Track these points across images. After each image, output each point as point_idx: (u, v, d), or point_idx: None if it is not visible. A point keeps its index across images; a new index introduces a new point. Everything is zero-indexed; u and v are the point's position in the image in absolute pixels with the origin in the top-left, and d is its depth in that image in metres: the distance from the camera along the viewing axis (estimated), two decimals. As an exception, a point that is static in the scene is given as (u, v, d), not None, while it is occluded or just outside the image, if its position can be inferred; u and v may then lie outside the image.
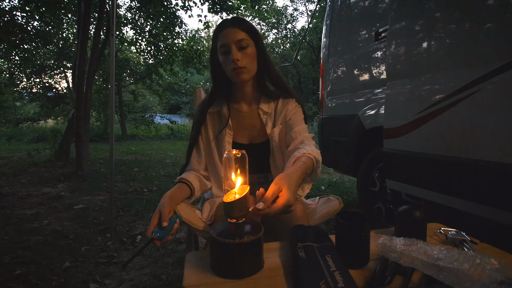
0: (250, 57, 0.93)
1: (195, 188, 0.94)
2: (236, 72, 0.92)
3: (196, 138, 1.02)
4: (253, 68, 0.96)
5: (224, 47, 0.92)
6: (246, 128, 1.03)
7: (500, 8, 1.12)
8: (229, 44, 0.90)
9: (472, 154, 1.17)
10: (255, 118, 1.03)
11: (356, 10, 2.27)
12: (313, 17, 13.01)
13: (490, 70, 1.09)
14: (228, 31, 0.91)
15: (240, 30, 0.92)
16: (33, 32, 6.26)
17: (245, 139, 1.03)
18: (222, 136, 1.01)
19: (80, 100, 4.06)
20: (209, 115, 1.04)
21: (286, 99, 1.03)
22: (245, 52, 0.92)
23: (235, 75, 0.93)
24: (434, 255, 0.52)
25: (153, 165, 5.02)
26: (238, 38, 0.90)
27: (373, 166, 2.00)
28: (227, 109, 1.02)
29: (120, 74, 9.80)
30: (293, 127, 0.97)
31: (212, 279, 0.57)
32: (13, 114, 11.08)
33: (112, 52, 1.99)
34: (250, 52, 0.93)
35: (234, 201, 0.61)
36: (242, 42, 0.91)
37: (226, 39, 0.91)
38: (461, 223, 1.32)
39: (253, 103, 1.04)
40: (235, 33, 0.91)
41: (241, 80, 0.94)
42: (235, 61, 0.90)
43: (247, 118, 1.03)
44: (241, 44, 0.91)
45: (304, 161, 0.76)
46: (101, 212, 2.59)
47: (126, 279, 1.54)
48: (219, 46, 0.93)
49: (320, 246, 0.63)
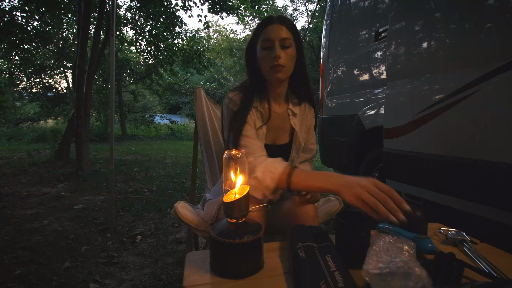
0: (291, 57, 0.92)
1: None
2: (275, 69, 0.90)
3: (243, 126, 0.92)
4: (291, 68, 0.95)
5: (268, 42, 0.90)
6: (273, 129, 1.02)
7: (500, 8, 1.12)
8: (274, 40, 0.89)
9: (472, 154, 1.17)
10: (284, 120, 1.03)
11: (356, 10, 2.27)
12: (313, 17, 13.02)
13: (490, 70, 1.09)
14: (274, 27, 0.91)
15: (286, 28, 0.91)
16: (33, 32, 6.25)
17: (269, 140, 1.02)
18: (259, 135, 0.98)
19: (80, 100, 4.06)
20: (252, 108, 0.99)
21: (308, 108, 1.07)
22: (287, 51, 0.91)
23: (273, 73, 0.91)
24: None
25: (153, 165, 5.02)
26: (283, 36, 0.90)
27: (373, 166, 2.00)
28: (267, 107, 1.00)
29: (120, 74, 9.80)
30: (310, 141, 1.09)
31: (212, 279, 0.57)
32: (13, 114, 11.06)
33: (112, 52, 1.99)
34: (291, 52, 0.92)
35: (234, 201, 0.61)
36: (286, 41, 0.90)
37: (271, 34, 0.90)
38: (461, 223, 1.32)
39: (283, 104, 1.03)
40: (281, 30, 0.90)
41: (278, 79, 0.93)
42: (277, 58, 0.88)
43: (278, 119, 1.02)
44: (285, 43, 0.90)
45: None
46: (101, 212, 2.59)
47: (126, 279, 1.54)
48: (262, 40, 0.92)
49: (320, 246, 0.63)
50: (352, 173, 2.27)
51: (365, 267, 0.52)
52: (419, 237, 0.65)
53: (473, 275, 0.57)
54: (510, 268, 0.61)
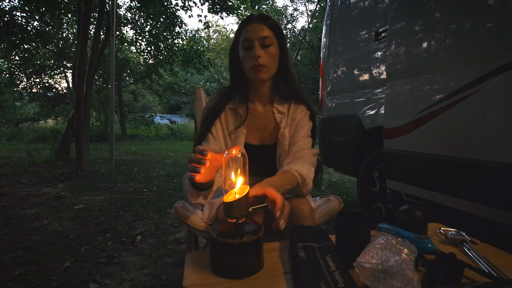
0: (272, 56, 0.90)
1: None
2: (256, 69, 0.88)
3: (208, 129, 0.94)
4: (273, 68, 0.92)
5: (247, 42, 0.89)
6: (259, 129, 1.01)
7: (500, 8, 1.12)
8: (253, 39, 0.88)
9: (472, 154, 1.17)
10: (269, 120, 1.01)
11: (356, 10, 2.27)
12: (313, 17, 13.02)
13: (490, 70, 1.10)
14: (254, 26, 0.89)
15: (266, 27, 0.89)
16: (33, 32, 6.25)
17: (257, 140, 1.01)
18: (236, 135, 0.98)
19: (80, 100, 4.06)
20: (227, 110, 0.99)
21: (297, 104, 1.02)
22: (267, 50, 0.89)
23: (254, 73, 0.89)
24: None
25: (153, 165, 5.02)
26: (263, 35, 0.88)
27: (373, 166, 2.00)
28: (245, 108, 0.98)
29: (120, 74, 9.80)
30: (296, 139, 0.97)
31: (212, 279, 0.57)
32: (13, 114, 11.07)
33: (112, 52, 1.99)
34: (272, 51, 0.90)
35: (234, 201, 0.61)
36: (266, 39, 0.88)
37: (250, 34, 0.88)
38: (461, 223, 1.32)
39: (268, 104, 1.02)
40: (261, 29, 0.88)
41: (259, 79, 0.91)
42: (257, 57, 0.87)
43: (261, 119, 1.01)
44: (265, 42, 0.88)
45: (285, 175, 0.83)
46: (101, 212, 2.59)
47: (126, 279, 1.54)
48: (242, 40, 0.90)
49: (320, 246, 0.63)
50: (352, 173, 2.27)
51: (358, 259, 0.52)
52: (419, 237, 0.65)
53: (473, 275, 0.57)
54: (510, 268, 0.61)
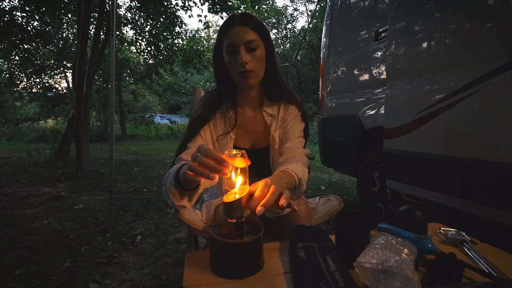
0: (259, 60, 0.86)
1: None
2: (244, 76, 0.85)
3: (196, 132, 0.90)
4: (261, 71, 0.89)
5: (232, 47, 0.84)
6: (249, 133, 0.99)
7: (500, 8, 1.12)
8: (238, 44, 0.83)
9: (472, 154, 1.17)
10: (259, 123, 0.99)
11: (356, 10, 2.27)
12: (313, 17, 13.02)
13: (490, 70, 1.09)
14: (237, 30, 0.83)
15: (250, 30, 0.84)
16: (33, 32, 6.26)
17: (247, 144, 1.00)
18: (225, 141, 0.95)
19: (80, 100, 4.06)
20: (216, 114, 0.96)
21: (287, 105, 0.99)
22: (254, 54, 0.85)
23: (242, 79, 0.86)
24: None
25: (153, 165, 5.02)
26: (248, 39, 0.83)
27: (373, 166, 2.00)
28: (234, 113, 0.96)
29: (120, 74, 9.81)
30: (287, 140, 0.94)
31: (212, 279, 0.57)
32: (13, 114, 11.06)
33: (112, 52, 1.99)
34: (259, 54, 0.86)
35: (234, 201, 0.61)
36: (252, 43, 0.83)
37: (234, 38, 0.83)
38: (461, 223, 1.32)
39: (257, 107, 0.99)
40: (245, 33, 0.83)
41: (248, 85, 0.88)
42: (244, 64, 0.83)
43: (251, 123, 0.99)
44: (250, 46, 0.84)
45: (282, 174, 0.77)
46: (101, 212, 2.59)
47: (126, 279, 1.54)
48: (226, 46, 0.85)
49: (320, 246, 0.63)
50: (352, 173, 2.28)
51: (358, 259, 0.52)
52: (419, 237, 0.65)
53: (473, 275, 0.57)
54: (510, 268, 0.61)
